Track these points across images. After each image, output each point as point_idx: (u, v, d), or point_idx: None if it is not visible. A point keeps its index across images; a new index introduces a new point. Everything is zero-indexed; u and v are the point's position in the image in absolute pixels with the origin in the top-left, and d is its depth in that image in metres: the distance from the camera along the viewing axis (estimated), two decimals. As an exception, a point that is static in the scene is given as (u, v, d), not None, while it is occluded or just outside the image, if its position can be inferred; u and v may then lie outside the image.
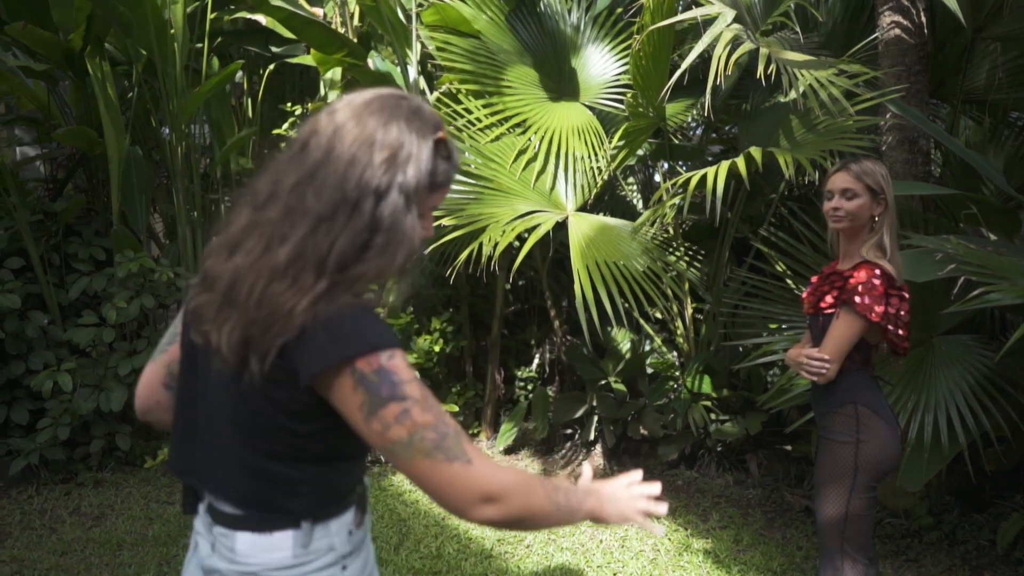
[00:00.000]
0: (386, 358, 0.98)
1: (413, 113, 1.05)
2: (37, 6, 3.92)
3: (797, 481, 3.88)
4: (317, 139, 1.03)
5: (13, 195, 3.86)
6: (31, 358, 3.81)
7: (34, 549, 3.14)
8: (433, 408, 1.00)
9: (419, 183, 1.03)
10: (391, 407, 0.97)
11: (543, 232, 3.23)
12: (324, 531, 1.08)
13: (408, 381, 0.99)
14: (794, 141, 3.36)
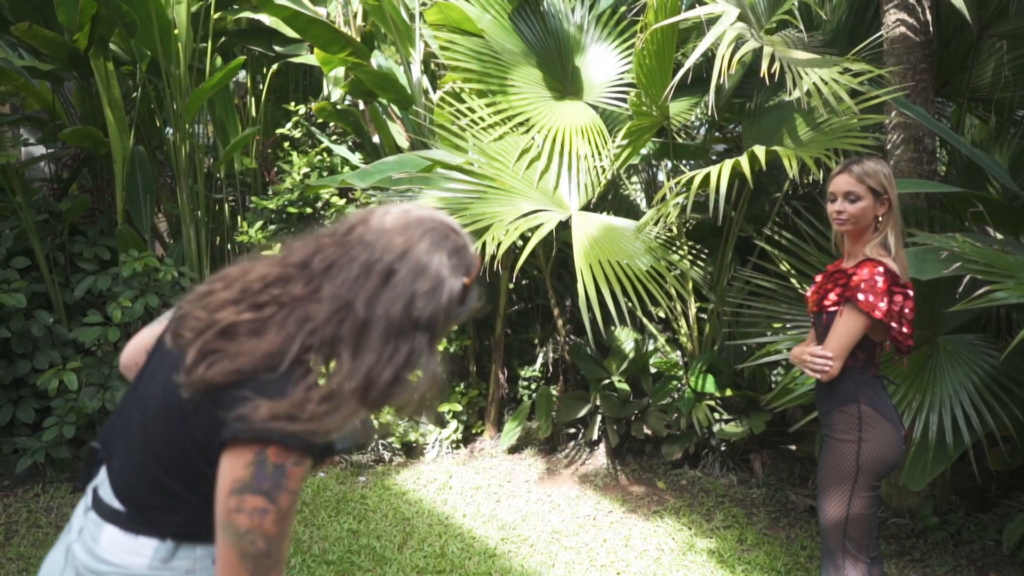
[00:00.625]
0: (292, 462, 0.99)
1: (457, 251, 1.06)
2: (42, 6, 3.93)
3: (801, 481, 3.87)
4: (364, 229, 1.05)
5: (19, 195, 3.87)
6: (37, 357, 3.83)
7: (40, 547, 3.15)
8: (284, 532, 0.99)
9: (446, 320, 1.05)
10: (257, 499, 0.97)
11: (546, 231, 3.23)
12: (189, 552, 1.07)
13: (289, 491, 0.98)
14: (798, 140, 3.35)
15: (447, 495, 3.81)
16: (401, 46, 4.07)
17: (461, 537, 3.36)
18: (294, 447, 0.98)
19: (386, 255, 1.01)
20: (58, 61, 4.03)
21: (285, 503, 0.98)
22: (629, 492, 3.91)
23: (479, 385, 4.54)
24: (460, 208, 3.40)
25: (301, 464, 0.99)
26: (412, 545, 3.28)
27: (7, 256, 3.91)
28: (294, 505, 1.00)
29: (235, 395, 0.98)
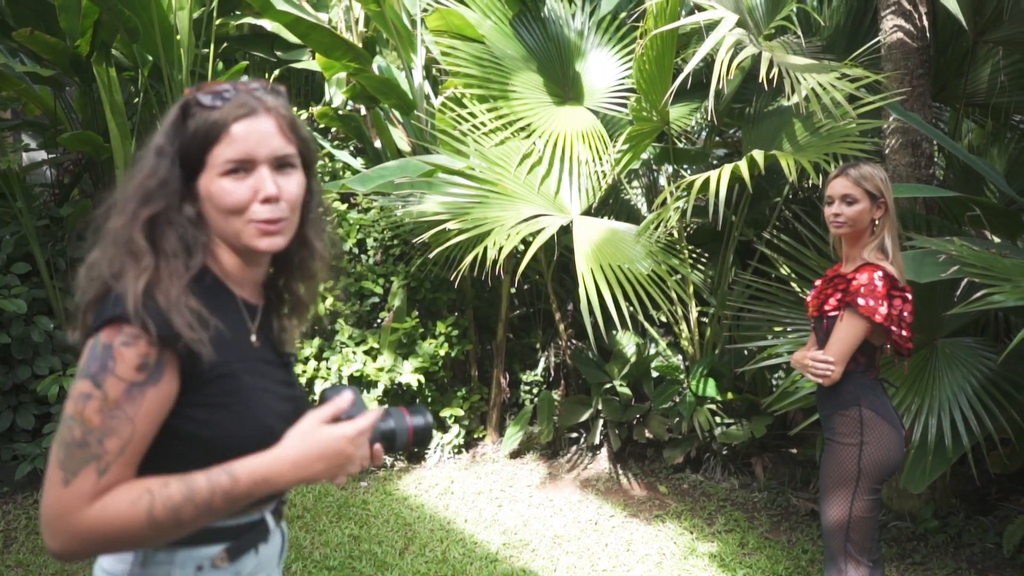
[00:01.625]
0: (120, 341, 0.93)
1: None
2: (44, 12, 3.95)
3: (802, 484, 3.88)
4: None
5: (20, 200, 3.88)
6: (37, 363, 3.83)
7: (39, 554, 3.15)
8: (109, 427, 0.92)
9: (169, 138, 1.04)
10: (84, 383, 0.93)
11: (548, 236, 3.24)
12: (167, 556, 1.02)
13: (117, 376, 0.92)
14: (797, 144, 3.37)
15: (449, 500, 3.81)
16: (403, 51, 4.09)
17: (463, 542, 3.37)
18: (114, 320, 0.94)
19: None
20: (60, 66, 4.04)
21: (113, 391, 0.91)
22: (631, 496, 3.91)
23: (481, 390, 4.55)
24: (462, 212, 3.41)
25: (131, 345, 0.93)
26: (414, 550, 3.28)
27: (7, 262, 3.92)
28: (129, 400, 0.92)
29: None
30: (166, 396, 0.96)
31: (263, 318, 1.13)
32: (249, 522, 1.08)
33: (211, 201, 1.02)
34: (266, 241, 1.04)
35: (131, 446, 0.93)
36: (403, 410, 1.17)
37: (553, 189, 3.56)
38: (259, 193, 1.02)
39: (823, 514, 2.22)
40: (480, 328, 4.67)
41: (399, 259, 4.44)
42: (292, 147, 1.06)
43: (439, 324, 4.30)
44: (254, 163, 1.02)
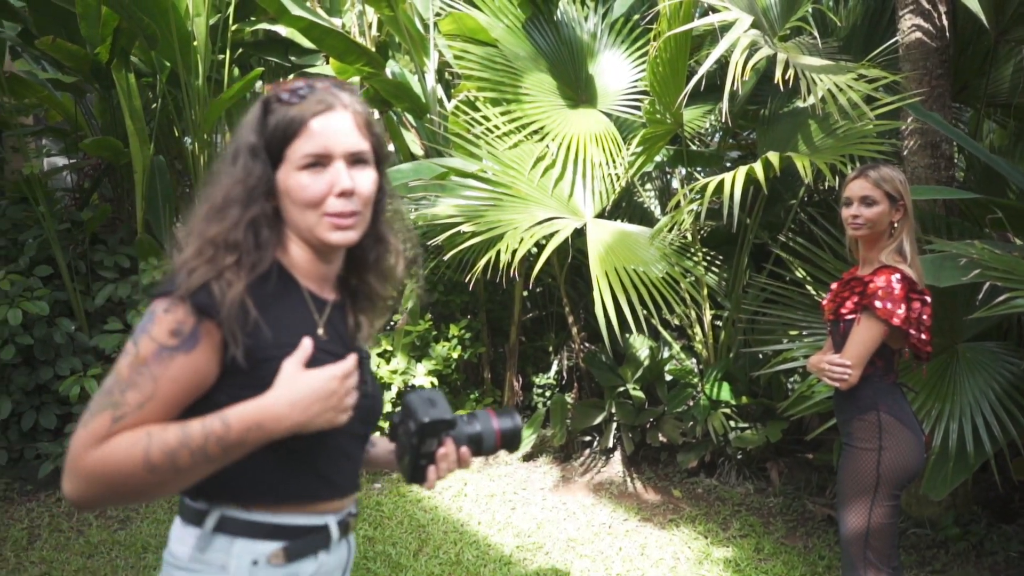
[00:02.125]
0: (163, 308, 0.98)
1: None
2: (66, 20, 4.01)
3: (819, 490, 3.83)
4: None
5: (42, 204, 3.94)
6: (59, 364, 3.88)
7: (62, 551, 3.20)
8: (133, 380, 0.95)
9: (251, 138, 1.06)
10: (129, 342, 0.99)
11: (562, 239, 3.23)
12: (225, 545, 1.03)
13: (150, 337, 0.97)
14: (813, 146, 3.34)
15: (462, 502, 3.82)
16: (415, 56, 4.11)
17: (476, 544, 3.37)
18: (163, 293, 0.99)
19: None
20: (81, 73, 4.11)
21: (144, 349, 0.96)
22: (644, 500, 3.89)
23: (493, 392, 4.55)
24: (476, 215, 3.42)
25: (170, 311, 0.97)
26: (427, 552, 3.28)
27: (30, 264, 3.98)
28: (157, 360, 0.95)
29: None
30: (197, 367, 0.98)
31: (334, 313, 1.13)
32: (312, 525, 1.08)
33: (288, 195, 1.05)
34: (339, 235, 1.05)
35: (151, 404, 0.95)
36: (490, 412, 1.17)
37: (567, 192, 3.55)
38: (335, 187, 1.04)
39: (841, 520, 2.19)
40: (493, 331, 4.67)
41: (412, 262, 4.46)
42: (367, 144, 1.08)
43: (452, 327, 4.31)
44: (330, 158, 1.04)
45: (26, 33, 4.24)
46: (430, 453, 1.11)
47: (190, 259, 1.01)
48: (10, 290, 3.69)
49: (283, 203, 1.06)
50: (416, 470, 1.12)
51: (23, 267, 3.94)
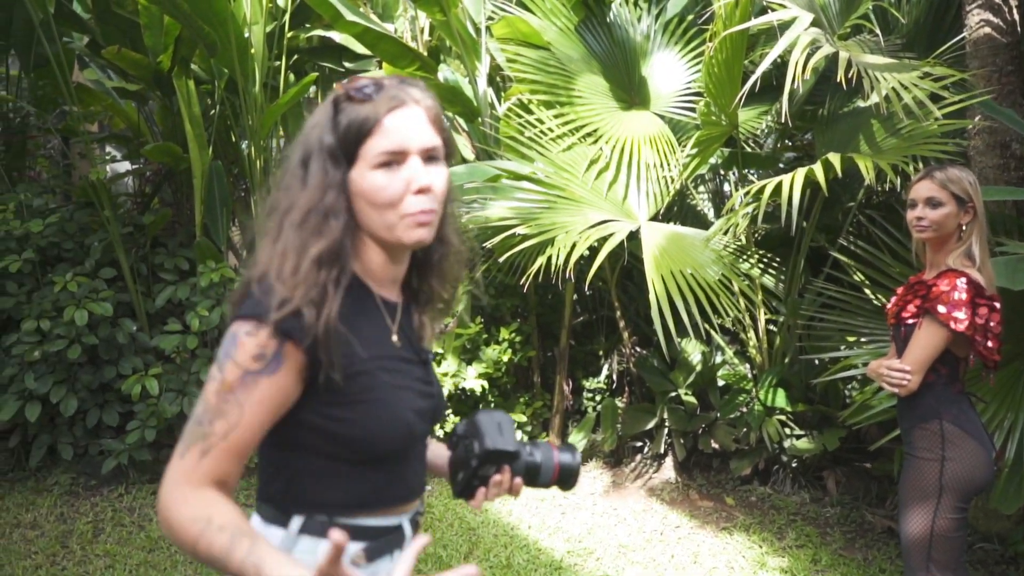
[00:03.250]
0: (245, 332, 0.97)
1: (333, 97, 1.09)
2: (129, 31, 4.15)
3: (878, 500, 3.72)
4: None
5: (107, 209, 4.08)
6: (121, 363, 4.01)
7: (125, 545, 3.29)
8: (221, 408, 0.96)
9: (322, 140, 1.04)
10: (214, 367, 0.98)
11: (617, 242, 3.20)
12: (310, 546, 1.03)
13: (235, 362, 0.96)
14: (875, 146, 3.25)
15: (512, 505, 3.81)
16: (467, 59, 4.13)
17: (527, 548, 3.36)
18: (246, 316, 0.98)
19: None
20: (143, 81, 4.24)
21: (230, 375, 0.96)
22: (697, 507, 3.83)
23: (543, 396, 4.54)
24: (530, 218, 3.41)
25: (253, 335, 0.96)
26: (478, 555, 3.29)
27: (95, 267, 4.12)
28: (243, 386, 0.95)
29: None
30: (281, 389, 0.97)
31: (403, 316, 1.13)
32: (389, 526, 1.09)
33: (364, 195, 1.02)
34: (417, 233, 1.03)
35: (236, 433, 0.95)
36: (552, 446, 1.15)
37: (620, 194, 3.52)
38: (412, 184, 1.01)
39: (902, 530, 2.13)
40: (543, 335, 4.67)
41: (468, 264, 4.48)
42: (439, 139, 1.05)
43: (503, 330, 4.32)
44: (406, 155, 1.01)
45: (93, 43, 4.40)
46: (486, 477, 1.12)
47: (288, 277, 0.98)
48: (77, 291, 3.82)
49: (357, 204, 1.03)
50: (468, 487, 1.13)
51: (89, 269, 4.08)
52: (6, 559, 3.12)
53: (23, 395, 3.80)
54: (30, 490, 3.79)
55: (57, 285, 3.81)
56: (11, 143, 4.49)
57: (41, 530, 3.40)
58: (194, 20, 3.71)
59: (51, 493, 3.76)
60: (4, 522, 3.44)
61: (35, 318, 3.78)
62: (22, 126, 4.52)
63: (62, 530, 3.40)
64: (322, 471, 1.03)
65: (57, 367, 3.85)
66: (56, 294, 3.82)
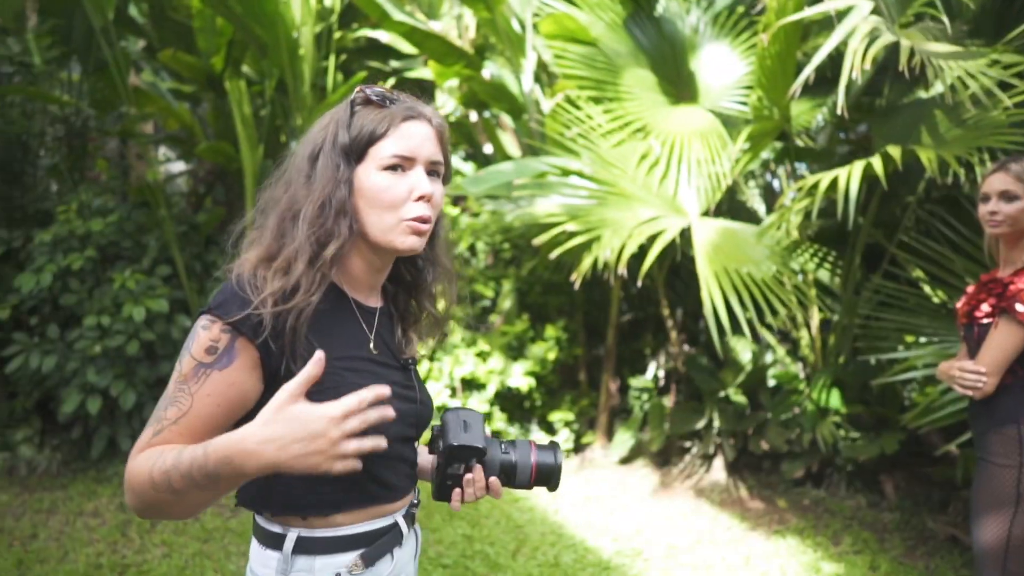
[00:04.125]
0: (201, 325, 1.00)
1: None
2: (185, 34, 4.25)
3: (940, 507, 3.59)
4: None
5: (163, 208, 4.19)
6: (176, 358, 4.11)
7: (181, 535, 3.38)
8: (175, 396, 0.98)
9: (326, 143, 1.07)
10: (177, 360, 1.02)
11: (669, 238, 3.15)
12: (307, 564, 1.05)
13: (191, 355, 0.99)
14: (938, 138, 3.12)
15: (559, 504, 3.79)
16: (513, 56, 4.12)
17: (574, 547, 3.33)
18: (209, 309, 1.01)
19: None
20: (197, 83, 4.34)
21: (186, 366, 0.99)
22: (748, 509, 3.75)
23: (589, 394, 4.51)
24: (580, 214, 3.38)
25: (208, 328, 0.99)
26: (525, 553, 3.28)
27: (152, 265, 4.23)
28: (194, 377, 0.97)
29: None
30: (234, 384, 0.98)
31: (381, 321, 1.14)
32: (382, 528, 1.10)
33: (366, 194, 1.05)
34: (411, 240, 1.06)
35: (186, 419, 0.97)
36: (531, 444, 1.12)
37: (671, 190, 3.47)
38: (414, 191, 1.04)
39: (975, 539, 2.04)
40: (589, 332, 4.63)
41: (509, 263, 4.47)
42: (442, 159, 1.09)
43: (549, 328, 4.30)
44: (414, 162, 1.06)
45: (149, 47, 4.52)
46: (456, 476, 1.10)
47: (279, 273, 1.01)
48: (135, 289, 3.93)
49: (358, 204, 1.05)
50: (442, 488, 1.11)
51: (145, 267, 4.19)
52: (71, 546, 3.23)
53: (85, 389, 3.92)
54: (91, 480, 3.92)
55: (116, 282, 3.93)
56: (73, 145, 4.65)
57: (102, 519, 3.50)
58: (246, 22, 3.78)
59: (111, 483, 3.87)
60: (68, 510, 3.57)
61: (96, 314, 3.90)
62: (83, 129, 4.67)
63: (122, 519, 3.50)
64: (301, 478, 1.00)
65: (116, 361, 3.97)
66: (115, 291, 3.94)
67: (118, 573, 3.04)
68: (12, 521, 3.45)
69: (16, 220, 4.42)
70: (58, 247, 4.04)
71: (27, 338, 4.02)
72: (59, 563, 3.09)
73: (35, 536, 3.31)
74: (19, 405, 4.19)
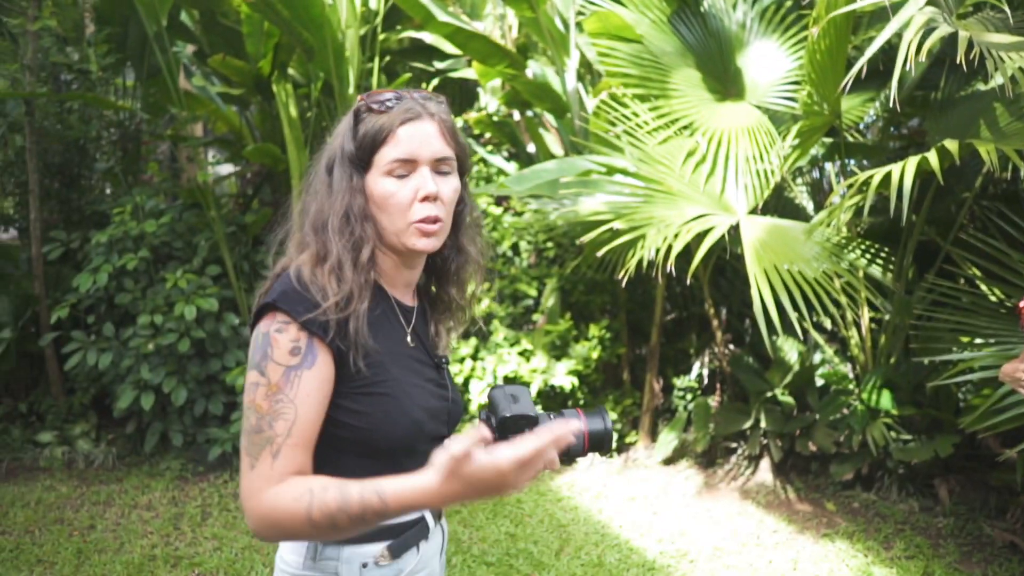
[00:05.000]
0: (275, 328, 1.00)
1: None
2: (233, 39, 4.34)
3: (998, 512, 3.48)
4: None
5: (212, 209, 4.28)
6: (226, 356, 4.20)
7: (231, 529, 3.45)
8: (276, 409, 0.97)
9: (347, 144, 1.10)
10: (252, 373, 1.00)
11: (717, 236, 3.11)
12: (334, 552, 1.07)
13: (275, 362, 0.98)
14: (998, 132, 3.03)
15: (602, 504, 3.77)
16: (556, 55, 4.11)
17: (618, 547, 3.32)
18: (275, 309, 1.01)
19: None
20: (245, 87, 4.43)
21: (273, 376, 0.98)
22: (795, 511, 3.69)
23: (633, 394, 4.47)
24: (625, 212, 3.36)
25: (284, 330, 0.99)
26: (569, 552, 3.27)
27: (202, 264, 4.33)
28: (288, 383, 0.98)
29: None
30: (323, 380, 1.01)
31: (418, 319, 1.17)
32: (410, 521, 1.12)
33: (375, 200, 1.08)
34: (424, 241, 1.08)
35: (296, 428, 0.98)
36: (579, 413, 1.13)
37: (718, 188, 3.42)
38: (419, 191, 1.07)
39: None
40: (633, 332, 4.60)
41: (552, 262, 4.47)
42: (451, 151, 1.10)
43: (592, 327, 4.28)
44: (416, 163, 1.07)
45: (200, 52, 4.63)
46: None
47: (328, 278, 1.04)
48: (186, 288, 4.04)
49: (371, 210, 1.09)
50: None
51: (196, 267, 4.29)
52: (126, 537, 3.33)
53: (138, 385, 4.04)
54: (145, 474, 4.03)
55: (168, 282, 4.04)
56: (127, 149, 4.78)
57: (155, 512, 3.60)
58: (292, 26, 3.85)
59: (163, 477, 3.98)
60: (123, 503, 3.67)
61: (149, 313, 4.01)
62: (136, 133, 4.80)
63: (174, 512, 3.59)
64: (325, 461, 1.03)
65: (169, 359, 4.07)
66: (168, 290, 4.04)
67: (171, 564, 3.12)
68: (71, 512, 3.57)
69: (74, 222, 4.57)
70: (113, 248, 4.16)
71: (84, 336, 4.16)
72: (116, 554, 3.19)
73: (93, 527, 3.42)
74: (77, 401, 4.34)
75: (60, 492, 3.78)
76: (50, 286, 4.43)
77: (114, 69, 4.56)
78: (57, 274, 4.48)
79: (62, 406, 4.36)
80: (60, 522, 3.47)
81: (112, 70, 4.54)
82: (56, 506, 3.62)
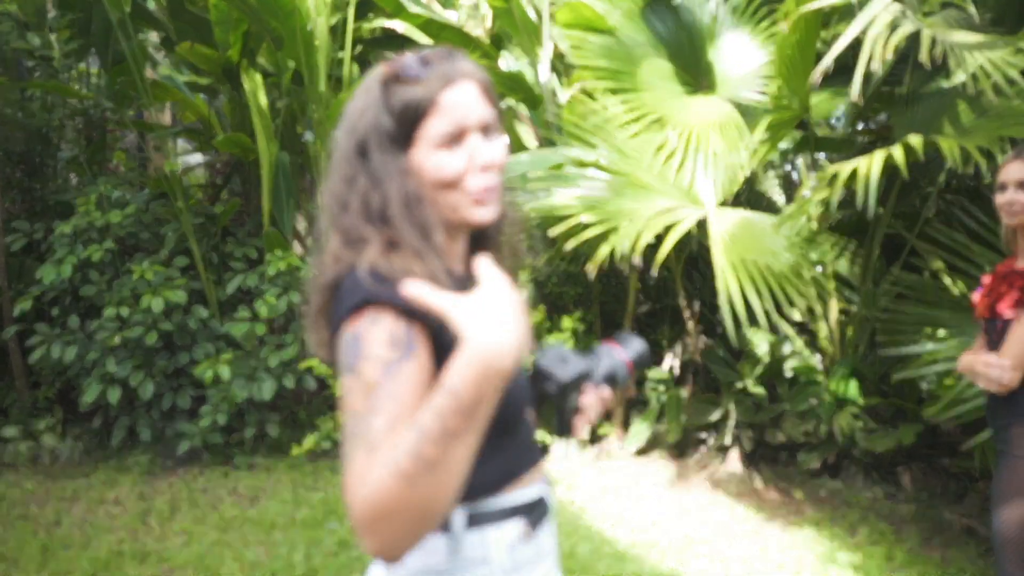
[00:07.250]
0: (365, 326, 0.89)
1: (377, 73, 1.04)
2: (200, 26, 4.26)
3: (956, 498, 3.57)
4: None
5: (180, 200, 4.22)
6: (195, 349, 4.15)
7: (200, 524, 3.42)
8: (372, 407, 0.85)
9: (378, 120, 0.99)
10: (347, 378, 0.89)
11: (685, 229, 3.13)
12: (478, 538, 1.01)
13: (367, 358, 0.87)
14: (960, 128, 3.09)
15: (575, 495, 3.80)
16: (529, 47, 4.10)
17: (590, 538, 3.34)
18: (359, 306, 0.90)
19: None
20: (213, 76, 4.36)
21: (370, 373, 0.86)
22: (764, 500, 3.75)
23: (605, 385, 4.50)
24: (595, 205, 3.37)
25: (378, 322, 0.89)
26: (541, 543, 3.29)
27: (170, 256, 4.27)
28: (388, 377, 0.86)
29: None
30: (426, 370, 0.90)
31: (465, 288, 1.08)
32: (535, 498, 1.08)
33: (425, 176, 0.99)
34: (482, 211, 1.00)
35: (401, 425, 0.83)
36: (613, 344, 1.20)
37: (687, 181, 3.45)
38: (474, 161, 0.98)
39: (996, 530, 2.03)
40: (606, 324, 4.63)
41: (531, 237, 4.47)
42: (494, 111, 1.02)
43: (565, 318, 4.30)
44: (466, 132, 0.98)
45: (167, 40, 4.54)
46: (574, 407, 1.13)
47: (410, 265, 0.94)
48: (153, 280, 3.97)
49: (425, 188, 0.99)
50: (564, 425, 1.14)
51: (163, 258, 4.23)
52: (93, 533, 3.28)
53: (105, 379, 3.97)
54: (112, 469, 3.97)
55: (135, 274, 3.97)
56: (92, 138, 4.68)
57: (123, 507, 3.55)
58: (261, 14, 3.79)
59: (131, 472, 3.93)
60: (90, 498, 3.62)
61: (115, 305, 3.94)
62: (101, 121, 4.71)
63: (142, 508, 3.55)
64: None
65: (136, 352, 4.01)
66: (134, 282, 3.98)
67: (139, 560, 3.09)
68: (36, 508, 3.51)
69: (37, 212, 4.47)
70: (78, 239, 4.08)
71: (49, 329, 4.08)
72: (82, 550, 3.14)
73: (58, 523, 3.37)
74: (42, 395, 4.26)
75: (25, 488, 3.71)
76: (13, 278, 4.33)
77: (77, 56, 4.46)
78: (20, 265, 4.38)
79: (27, 400, 4.28)
80: (24, 518, 3.41)
81: (75, 57, 4.44)
82: (21, 502, 3.56)
